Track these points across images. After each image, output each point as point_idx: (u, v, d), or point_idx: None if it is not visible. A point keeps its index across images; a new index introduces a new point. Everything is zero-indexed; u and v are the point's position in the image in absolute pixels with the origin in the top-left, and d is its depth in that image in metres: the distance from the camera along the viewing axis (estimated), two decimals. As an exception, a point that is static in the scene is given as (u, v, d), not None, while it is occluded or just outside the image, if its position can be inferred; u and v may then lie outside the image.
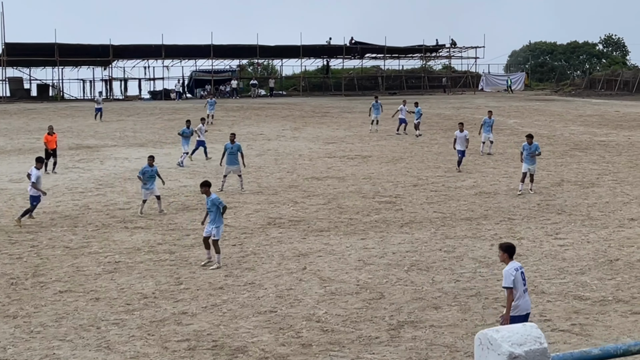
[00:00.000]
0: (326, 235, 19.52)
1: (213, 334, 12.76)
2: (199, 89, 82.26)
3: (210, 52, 77.87)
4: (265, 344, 12.29)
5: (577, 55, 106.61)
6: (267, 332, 12.80)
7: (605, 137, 40.72)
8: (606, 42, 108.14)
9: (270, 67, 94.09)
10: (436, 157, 33.84)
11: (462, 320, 13.18)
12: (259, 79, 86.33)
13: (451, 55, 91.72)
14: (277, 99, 75.94)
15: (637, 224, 20.47)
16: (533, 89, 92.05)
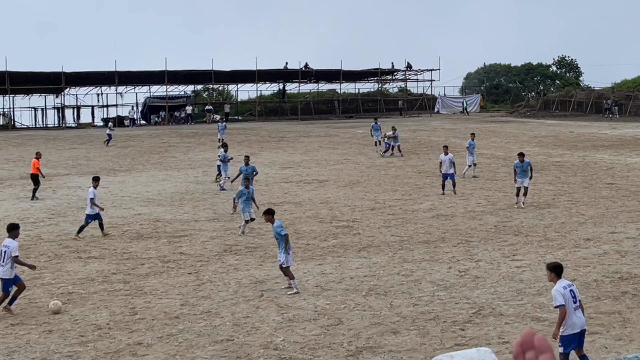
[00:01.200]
0: None
1: (169, 364, 12.56)
2: (153, 115, 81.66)
3: (165, 78, 77.43)
4: (222, 374, 12.13)
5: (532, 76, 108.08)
6: (224, 361, 12.62)
7: (560, 157, 41.19)
8: (560, 64, 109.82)
9: (226, 92, 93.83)
10: (393, 180, 33.90)
11: (421, 345, 13.10)
12: (214, 105, 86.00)
13: (407, 78, 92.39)
14: (233, 124, 75.69)
15: (592, 244, 20.62)
16: (488, 110, 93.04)
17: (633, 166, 36.09)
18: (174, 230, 23.53)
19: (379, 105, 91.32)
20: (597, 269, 17.99)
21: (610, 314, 14.61)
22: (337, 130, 63.66)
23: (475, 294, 16.14)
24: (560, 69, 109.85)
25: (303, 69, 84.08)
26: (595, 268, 18.05)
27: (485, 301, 15.59)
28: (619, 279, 17.10)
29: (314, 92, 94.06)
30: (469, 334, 13.69)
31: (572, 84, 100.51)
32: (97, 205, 22.59)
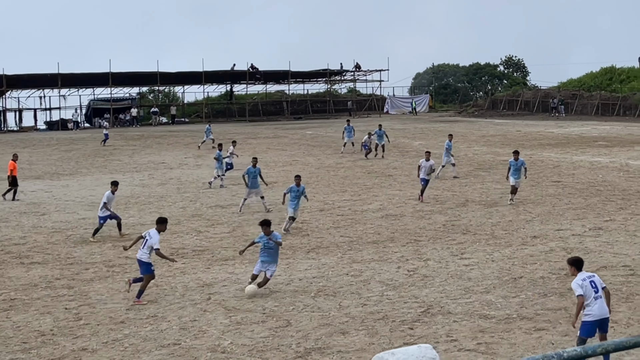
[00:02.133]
0: (231, 264, 19.15)
1: (114, 370, 12.32)
2: (97, 118, 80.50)
3: (109, 79, 76.45)
4: (168, 378, 11.92)
5: (480, 76, 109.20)
6: (171, 366, 12.42)
7: (508, 156, 41.37)
8: (507, 64, 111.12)
9: (172, 94, 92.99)
10: (342, 181, 33.86)
11: (370, 345, 13.02)
12: (160, 107, 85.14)
13: (356, 79, 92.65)
14: (180, 127, 75.13)
15: (539, 241, 20.80)
16: (437, 110, 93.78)
17: (579, 164, 36.59)
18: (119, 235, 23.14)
19: (328, 106, 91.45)
20: (544, 266, 18.13)
21: (557, 310, 14.72)
22: (285, 132, 63.52)
23: (424, 292, 16.14)
24: (507, 69, 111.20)
25: (249, 70, 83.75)
26: (542, 265, 18.19)
27: (434, 300, 15.59)
28: (565, 275, 17.19)
29: (262, 94, 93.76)
30: (418, 332, 13.66)
31: (520, 83, 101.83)
32: (109, 209, 22.85)
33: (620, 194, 27.76)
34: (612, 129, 58.35)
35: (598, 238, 20.91)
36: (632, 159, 38.64)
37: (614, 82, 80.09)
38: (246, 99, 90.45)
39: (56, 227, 24.50)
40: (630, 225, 22.37)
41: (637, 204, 25.85)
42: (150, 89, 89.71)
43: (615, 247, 19.83)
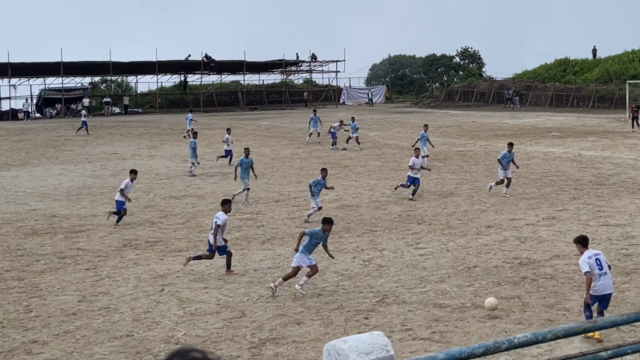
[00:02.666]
0: (185, 255, 18.93)
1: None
2: (48, 108, 79.29)
3: (60, 69, 75.29)
4: (121, 370, 11.74)
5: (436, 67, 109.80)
6: (124, 357, 12.30)
7: (463, 147, 41.84)
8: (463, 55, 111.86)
9: (125, 84, 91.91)
10: (298, 172, 33.75)
11: (325, 334, 12.96)
12: (113, 97, 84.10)
13: (312, 70, 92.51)
14: (133, 117, 74.33)
15: (493, 231, 20.92)
16: (393, 101, 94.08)
17: (533, 154, 36.94)
18: (71, 226, 22.79)
19: (283, 96, 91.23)
20: (498, 255, 18.24)
21: (510, 298, 14.80)
22: (241, 122, 63.20)
23: (379, 282, 16.13)
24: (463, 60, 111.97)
25: (204, 60, 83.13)
26: (496, 254, 18.30)
27: (389, 289, 15.58)
28: (519, 264, 17.37)
29: (216, 84, 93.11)
30: (373, 322, 13.64)
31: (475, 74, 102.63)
32: (125, 196, 22.97)
33: (573, 184, 28.07)
34: (566, 120, 59.07)
35: (551, 227, 21.11)
36: (584, 149, 39.14)
37: (568, 74, 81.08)
38: (200, 89, 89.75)
39: (6, 218, 24.04)
40: (583, 215, 22.62)
41: (589, 193, 26.16)
42: (102, 78, 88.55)
43: (568, 236, 20.00)
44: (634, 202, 24.33)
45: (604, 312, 12.49)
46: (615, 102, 69.19)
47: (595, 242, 19.24)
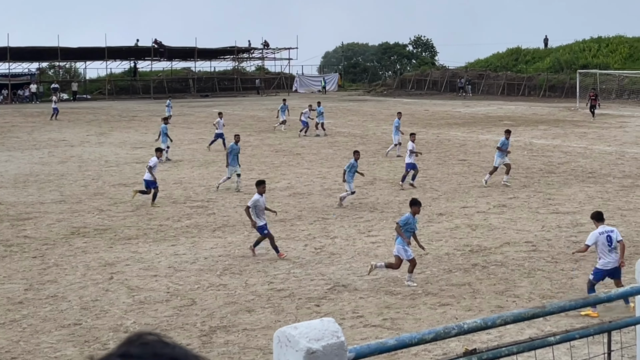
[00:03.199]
0: (134, 243, 18.70)
1: (12, 351, 11.93)
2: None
3: (7, 54, 73.78)
4: (69, 358, 11.67)
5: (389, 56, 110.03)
6: (72, 346, 12.13)
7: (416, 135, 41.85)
8: (416, 43, 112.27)
9: (73, 70, 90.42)
10: (250, 159, 33.50)
11: (276, 322, 12.89)
12: (61, 83, 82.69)
13: (264, 57, 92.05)
14: (81, 103, 73.21)
15: (445, 218, 21.01)
16: (346, 89, 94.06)
17: (484, 143, 37.20)
18: (18, 213, 22.33)
19: (235, 84, 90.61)
20: (449, 242, 18.33)
21: (461, 285, 14.87)
22: (192, 110, 62.68)
23: (331, 270, 16.09)
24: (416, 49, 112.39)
25: (154, 46, 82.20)
26: (447, 242, 18.38)
27: (341, 277, 15.56)
28: (470, 251, 17.47)
29: (167, 70, 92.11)
30: (324, 309, 13.60)
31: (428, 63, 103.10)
32: (152, 174, 23.50)
33: (524, 172, 28.32)
34: (517, 109, 59.66)
35: (502, 215, 21.27)
36: (535, 138, 39.54)
37: (520, 63, 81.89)
38: (151, 75, 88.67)
39: (-50, 206, 23.50)
40: (533, 203, 22.84)
41: (539, 181, 26.43)
42: (50, 64, 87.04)
43: (518, 223, 20.20)
44: (583, 190, 24.63)
45: (621, 282, 12.98)
46: (566, 91, 70.05)
47: (545, 229, 19.46)
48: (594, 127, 44.09)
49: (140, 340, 1.84)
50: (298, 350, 4.17)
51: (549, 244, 18.01)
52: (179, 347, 1.77)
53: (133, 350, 1.78)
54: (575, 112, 55.94)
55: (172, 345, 1.76)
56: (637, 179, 26.36)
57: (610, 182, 26.01)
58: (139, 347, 1.80)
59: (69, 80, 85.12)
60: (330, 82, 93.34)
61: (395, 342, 4.66)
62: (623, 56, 73.30)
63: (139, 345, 1.81)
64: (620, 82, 66.97)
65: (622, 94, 65.25)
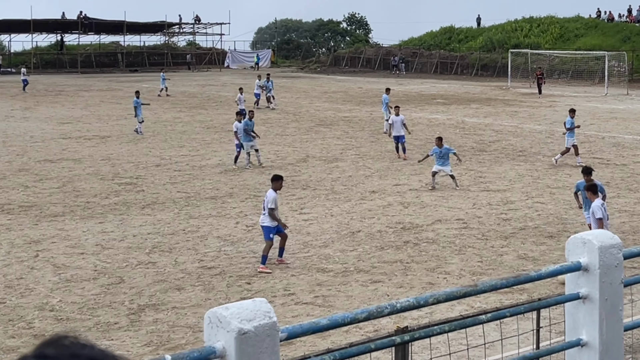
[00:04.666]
0: (61, 221, 18.24)
1: None
2: None
3: None
4: (-8, 337, 11.32)
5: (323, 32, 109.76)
6: (-5, 325, 11.78)
7: (349, 112, 41.96)
8: (350, 21, 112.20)
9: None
10: (180, 136, 33.08)
11: (206, 300, 12.70)
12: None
13: (195, 32, 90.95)
14: (6, 77, 71.30)
15: (377, 196, 21.01)
16: (279, 65, 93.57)
17: (418, 121, 37.35)
18: (-61, 189, 21.62)
19: (165, 59, 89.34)
20: (382, 220, 18.33)
21: (393, 262, 14.88)
22: (120, 85, 61.59)
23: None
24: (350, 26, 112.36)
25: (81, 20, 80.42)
26: (380, 219, 18.37)
27: (272, 254, 15.39)
28: (402, 229, 17.50)
29: (95, 45, 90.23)
30: (255, 287, 13.46)
31: (362, 40, 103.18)
32: (238, 139, 25.19)
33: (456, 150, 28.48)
34: (450, 87, 60.18)
35: (434, 193, 21.36)
36: (467, 116, 39.91)
37: (453, 42, 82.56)
38: (78, 49, 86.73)
39: None
40: (465, 180, 23.00)
41: (471, 159, 26.63)
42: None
43: (450, 201, 20.32)
44: (514, 169, 24.93)
45: None
46: (497, 70, 70.92)
47: (476, 207, 19.63)
48: (524, 107, 44.71)
49: (57, 342, 1.77)
50: (229, 331, 4.11)
51: (480, 221, 18.16)
52: (98, 348, 1.70)
53: (49, 352, 1.71)
54: (507, 91, 56.67)
55: (90, 346, 1.67)
56: (566, 158, 26.76)
57: (540, 161, 26.38)
58: (55, 348, 1.73)
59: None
60: (263, 58, 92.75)
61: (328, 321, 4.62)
62: (554, 36, 74.50)
63: (56, 347, 1.74)
64: (550, 62, 68.07)
65: (552, 74, 66.35)
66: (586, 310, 5.38)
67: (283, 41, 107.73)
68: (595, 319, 5.33)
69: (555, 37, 74.33)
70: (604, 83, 54.77)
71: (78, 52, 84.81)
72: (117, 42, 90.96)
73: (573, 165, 25.48)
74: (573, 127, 25.71)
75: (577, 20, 76.91)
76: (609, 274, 5.30)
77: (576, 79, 65.10)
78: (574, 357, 5.59)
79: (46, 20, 79.73)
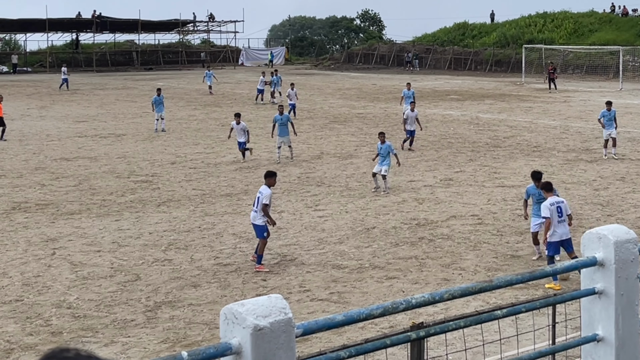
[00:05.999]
0: (77, 218, 18.34)
1: (-49, 329, 11.62)
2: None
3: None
4: (10, 334, 11.46)
5: (336, 29, 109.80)
6: (13, 322, 11.91)
7: (363, 109, 41.94)
8: (363, 17, 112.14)
9: (13, 42, 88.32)
10: (195, 133, 33.17)
11: (222, 297, 12.76)
12: (0, 55, 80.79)
13: (209, 30, 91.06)
14: (22, 76, 71.67)
15: (392, 192, 21.00)
16: (293, 63, 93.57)
17: (431, 117, 37.29)
18: (-44, 188, 21.78)
19: (180, 57, 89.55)
20: (396, 216, 18.33)
21: (408, 259, 14.89)
22: (135, 83, 61.79)
23: (278, 244, 15.97)
24: (363, 23, 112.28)
25: (96, 19, 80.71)
26: (395, 215, 18.38)
27: (287, 251, 15.46)
28: (417, 225, 17.50)
29: (110, 43, 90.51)
30: (271, 284, 13.50)
31: (375, 37, 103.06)
32: None
33: (470, 146, 28.46)
34: (464, 83, 60.01)
35: (448, 189, 21.35)
36: (481, 112, 39.80)
37: (467, 38, 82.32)
38: (93, 48, 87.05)
39: None
40: (479, 176, 22.98)
41: (485, 155, 26.60)
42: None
43: (464, 197, 20.30)
44: (528, 164, 24.84)
45: (574, 255, 12.95)
46: (512, 66, 70.66)
47: (491, 202, 19.60)
48: (539, 102, 44.55)
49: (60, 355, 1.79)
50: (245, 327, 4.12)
51: (495, 217, 18.14)
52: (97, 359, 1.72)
53: None
54: (521, 86, 56.47)
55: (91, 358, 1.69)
56: (581, 153, 26.70)
57: (555, 156, 26.30)
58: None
59: (9, 53, 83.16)
60: (277, 55, 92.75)
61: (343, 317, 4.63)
62: (568, 31, 74.14)
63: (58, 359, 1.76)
64: (564, 57, 67.79)
65: (566, 69, 66.09)
66: (602, 305, 5.38)
67: (297, 38, 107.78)
68: (611, 314, 5.33)
69: (569, 32, 73.97)
70: (619, 78, 54.49)
71: (93, 51, 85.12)
72: (132, 40, 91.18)
73: (588, 160, 25.39)
74: (607, 121, 25.79)
75: (591, 15, 76.50)
76: (625, 269, 5.29)
77: (590, 74, 64.78)
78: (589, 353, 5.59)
79: (61, 19, 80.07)
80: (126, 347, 11.05)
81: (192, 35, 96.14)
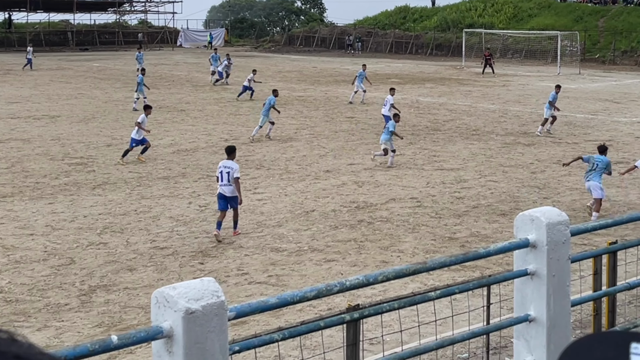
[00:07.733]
0: (9, 201, 17.92)
1: None
2: None
3: None
4: (-64, 322, 11.07)
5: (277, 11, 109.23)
6: (-60, 309, 11.53)
7: (304, 92, 41.82)
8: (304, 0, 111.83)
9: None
10: (132, 115, 32.61)
11: (158, 280, 12.59)
12: None
13: (147, 10, 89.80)
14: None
15: (332, 175, 21.00)
16: (233, 45, 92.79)
17: (371, 100, 37.32)
18: None
19: (117, 37, 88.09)
20: (336, 199, 18.32)
21: (347, 241, 14.89)
22: (70, 63, 60.68)
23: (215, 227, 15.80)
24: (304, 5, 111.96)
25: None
26: (334, 198, 18.37)
27: (225, 234, 15.31)
28: (356, 208, 17.51)
29: (44, 23, 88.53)
30: (208, 267, 13.38)
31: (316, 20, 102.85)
32: (143, 129, 23.08)
33: (410, 130, 28.56)
34: (405, 67, 60.27)
35: (388, 172, 21.42)
36: (422, 95, 40.03)
37: (408, 21, 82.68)
38: (27, 27, 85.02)
39: None
40: (419, 160, 23.10)
41: (425, 139, 26.75)
42: None
43: (404, 180, 20.39)
44: (467, 147, 25.09)
45: None
46: (452, 50, 71.20)
47: (430, 185, 19.72)
48: (478, 86, 44.98)
49: None
50: (177, 310, 4.10)
51: (433, 199, 18.26)
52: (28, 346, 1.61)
53: None
54: (461, 70, 56.95)
55: (20, 344, 1.59)
56: (519, 137, 27.04)
57: (493, 140, 26.58)
58: None
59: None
60: (216, 37, 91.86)
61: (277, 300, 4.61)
62: (507, 16, 74.97)
63: None
64: (504, 42, 68.56)
65: (506, 53, 66.87)
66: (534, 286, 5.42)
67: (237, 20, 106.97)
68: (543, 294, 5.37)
69: (509, 17, 74.81)
70: (557, 62, 55.33)
71: (27, 31, 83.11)
72: (67, 20, 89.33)
73: (525, 143, 25.73)
74: (554, 102, 27.29)
75: (531, 0, 77.50)
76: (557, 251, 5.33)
77: (529, 58, 65.66)
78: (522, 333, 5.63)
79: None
80: (59, 331, 10.83)
81: (130, 16, 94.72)
